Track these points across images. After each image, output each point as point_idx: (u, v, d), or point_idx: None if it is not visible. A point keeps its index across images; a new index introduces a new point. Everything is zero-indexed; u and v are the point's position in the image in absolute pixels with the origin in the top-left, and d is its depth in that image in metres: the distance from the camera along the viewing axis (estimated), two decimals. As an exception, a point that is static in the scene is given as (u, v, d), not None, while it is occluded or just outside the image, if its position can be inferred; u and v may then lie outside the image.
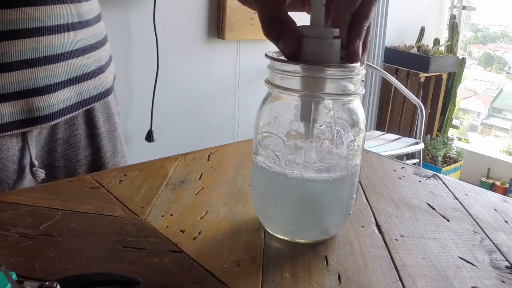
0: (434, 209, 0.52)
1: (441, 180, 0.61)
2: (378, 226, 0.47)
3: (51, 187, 0.51)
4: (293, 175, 0.40)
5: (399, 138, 2.60)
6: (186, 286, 0.36)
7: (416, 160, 2.53)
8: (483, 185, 3.13)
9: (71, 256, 0.38)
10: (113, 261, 0.38)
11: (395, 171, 0.62)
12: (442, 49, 3.16)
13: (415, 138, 2.62)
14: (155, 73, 1.98)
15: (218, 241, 0.43)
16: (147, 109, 2.01)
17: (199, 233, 0.44)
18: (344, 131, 0.40)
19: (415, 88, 2.95)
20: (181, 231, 0.44)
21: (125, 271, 0.37)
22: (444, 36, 3.36)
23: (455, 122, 3.51)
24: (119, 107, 0.74)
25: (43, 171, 0.59)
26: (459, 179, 2.91)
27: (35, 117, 0.54)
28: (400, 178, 0.60)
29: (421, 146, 2.50)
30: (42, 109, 0.55)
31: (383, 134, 2.70)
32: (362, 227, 0.47)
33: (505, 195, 0.59)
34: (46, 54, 0.54)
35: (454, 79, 3.16)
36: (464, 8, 3.32)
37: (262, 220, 0.45)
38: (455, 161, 3.13)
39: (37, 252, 0.39)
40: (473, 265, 0.42)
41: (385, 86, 3.08)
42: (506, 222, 0.50)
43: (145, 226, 0.44)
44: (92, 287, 0.33)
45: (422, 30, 3.16)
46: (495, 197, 0.57)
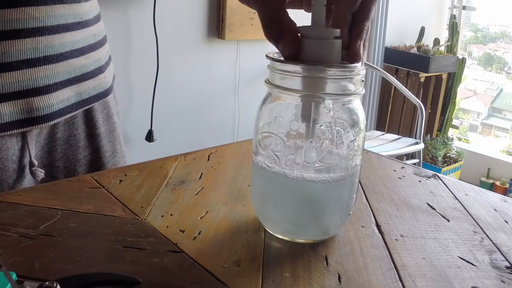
0: (434, 209, 0.52)
1: (441, 180, 0.61)
2: (378, 226, 0.47)
3: (51, 187, 0.51)
4: (293, 175, 0.40)
5: (399, 138, 2.60)
6: (186, 286, 0.36)
7: (416, 160, 2.53)
8: (483, 185, 3.13)
9: (71, 256, 0.38)
10: (113, 261, 0.38)
11: (395, 171, 0.62)
12: (442, 49, 3.16)
13: (415, 138, 2.62)
14: (155, 73, 1.98)
15: (218, 241, 0.43)
16: (147, 109, 2.01)
17: (199, 233, 0.44)
18: (344, 131, 0.40)
19: (415, 88, 2.95)
20: (181, 231, 0.44)
21: (125, 271, 0.37)
22: (444, 36, 3.36)
23: (455, 122, 3.51)
24: (119, 107, 0.74)
25: (42, 170, 0.59)
26: (459, 179, 2.91)
27: (34, 117, 0.54)
28: (400, 178, 0.60)
29: (421, 146, 2.50)
30: (42, 109, 0.55)
31: (383, 134, 2.70)
32: (362, 227, 0.47)
33: (505, 195, 0.59)
34: (46, 54, 0.54)
35: (454, 79, 3.16)
36: (464, 8, 3.32)
37: (262, 220, 0.45)
38: (455, 161, 3.13)
39: (37, 252, 0.39)
40: (473, 265, 0.42)
41: (385, 86, 3.08)
42: (506, 222, 0.50)
43: (145, 226, 0.44)
44: (92, 287, 0.33)
45: (422, 30, 3.16)
46: (495, 197, 0.57)
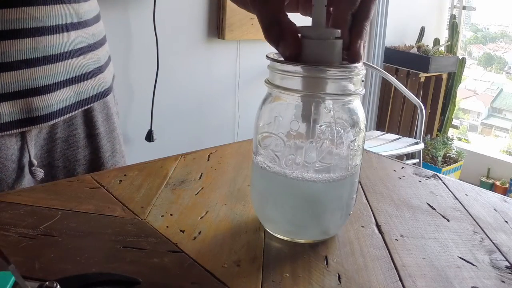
0: (434, 209, 0.52)
1: (441, 180, 0.60)
2: (378, 226, 0.47)
3: (51, 187, 0.51)
4: (293, 175, 0.40)
5: (399, 138, 2.60)
6: (186, 286, 0.36)
7: (416, 160, 2.53)
8: (483, 185, 3.13)
9: (71, 256, 0.38)
10: (113, 261, 0.38)
11: (395, 171, 0.62)
12: (442, 49, 3.16)
13: (415, 138, 2.62)
14: (155, 73, 1.98)
15: (218, 241, 0.43)
16: (147, 109, 2.01)
17: (199, 233, 0.44)
18: (344, 131, 0.40)
19: (415, 88, 2.95)
20: (181, 231, 0.44)
21: (125, 271, 0.37)
22: (444, 36, 3.36)
23: (455, 122, 3.51)
24: (118, 107, 0.74)
25: (42, 170, 0.59)
26: (459, 179, 2.91)
27: (34, 116, 0.54)
28: (400, 178, 0.60)
29: (421, 146, 2.50)
30: (41, 109, 0.55)
31: (383, 134, 2.70)
32: (362, 227, 0.47)
33: (505, 195, 0.59)
34: (46, 54, 0.54)
35: (454, 79, 3.16)
36: (464, 8, 3.32)
37: (262, 220, 0.45)
38: (455, 161, 3.13)
39: (37, 252, 0.39)
40: (473, 265, 0.42)
41: (385, 86, 3.08)
42: (506, 222, 0.50)
43: (145, 226, 0.44)
44: (92, 287, 0.33)
45: (422, 30, 3.16)
46: (495, 197, 0.57)
